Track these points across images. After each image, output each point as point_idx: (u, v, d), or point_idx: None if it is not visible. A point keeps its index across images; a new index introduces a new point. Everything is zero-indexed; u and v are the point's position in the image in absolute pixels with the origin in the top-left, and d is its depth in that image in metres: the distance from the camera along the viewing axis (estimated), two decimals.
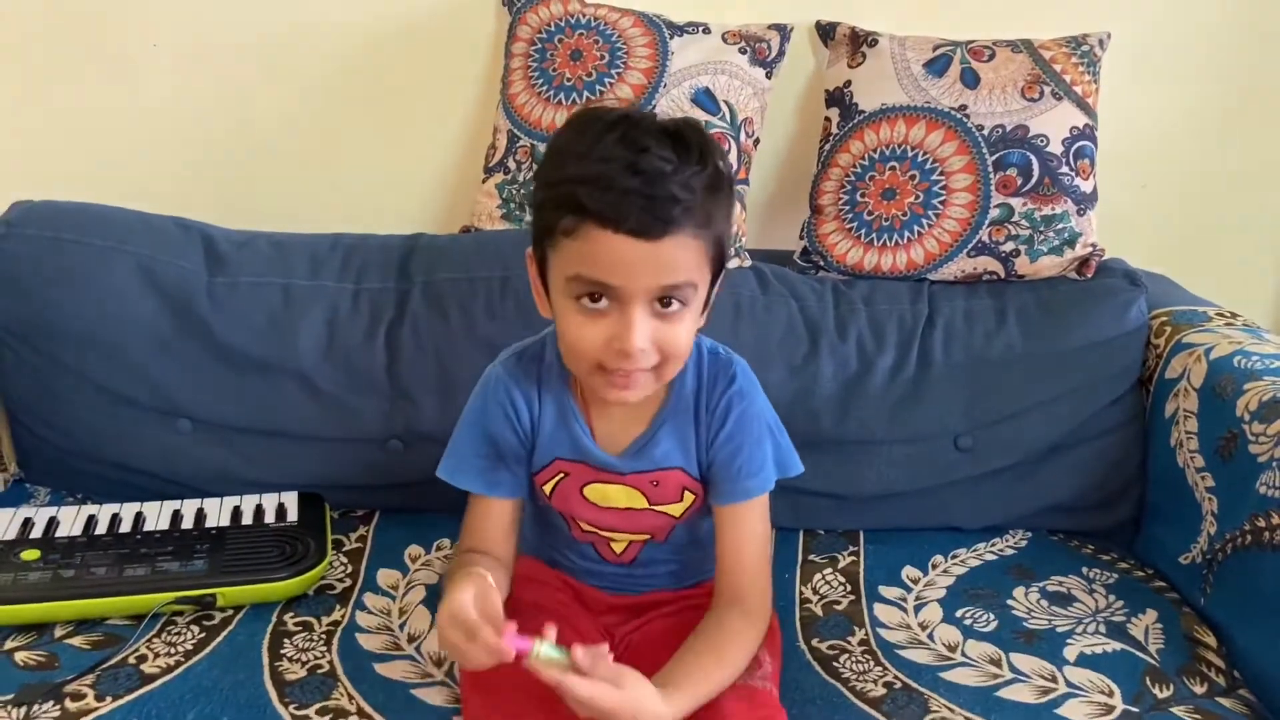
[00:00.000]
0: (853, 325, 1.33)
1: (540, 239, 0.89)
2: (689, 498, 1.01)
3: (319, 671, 1.02)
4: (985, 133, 1.35)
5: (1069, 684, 1.03)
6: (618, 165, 0.82)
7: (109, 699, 0.96)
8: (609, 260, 0.83)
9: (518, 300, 1.28)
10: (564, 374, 0.99)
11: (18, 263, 1.27)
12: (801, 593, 1.20)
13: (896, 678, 1.04)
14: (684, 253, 0.85)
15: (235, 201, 1.50)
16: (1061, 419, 1.30)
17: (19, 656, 1.02)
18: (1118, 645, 1.09)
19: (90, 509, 1.20)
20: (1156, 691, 1.03)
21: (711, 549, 1.02)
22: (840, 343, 1.31)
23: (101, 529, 1.16)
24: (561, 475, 1.01)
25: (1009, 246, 1.34)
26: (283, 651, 1.05)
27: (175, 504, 1.22)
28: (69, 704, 0.95)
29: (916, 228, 1.36)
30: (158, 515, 1.19)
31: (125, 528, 1.17)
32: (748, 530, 0.99)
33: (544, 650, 0.81)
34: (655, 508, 1.01)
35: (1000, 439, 1.30)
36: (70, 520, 1.17)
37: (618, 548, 1.05)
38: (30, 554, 1.10)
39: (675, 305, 0.87)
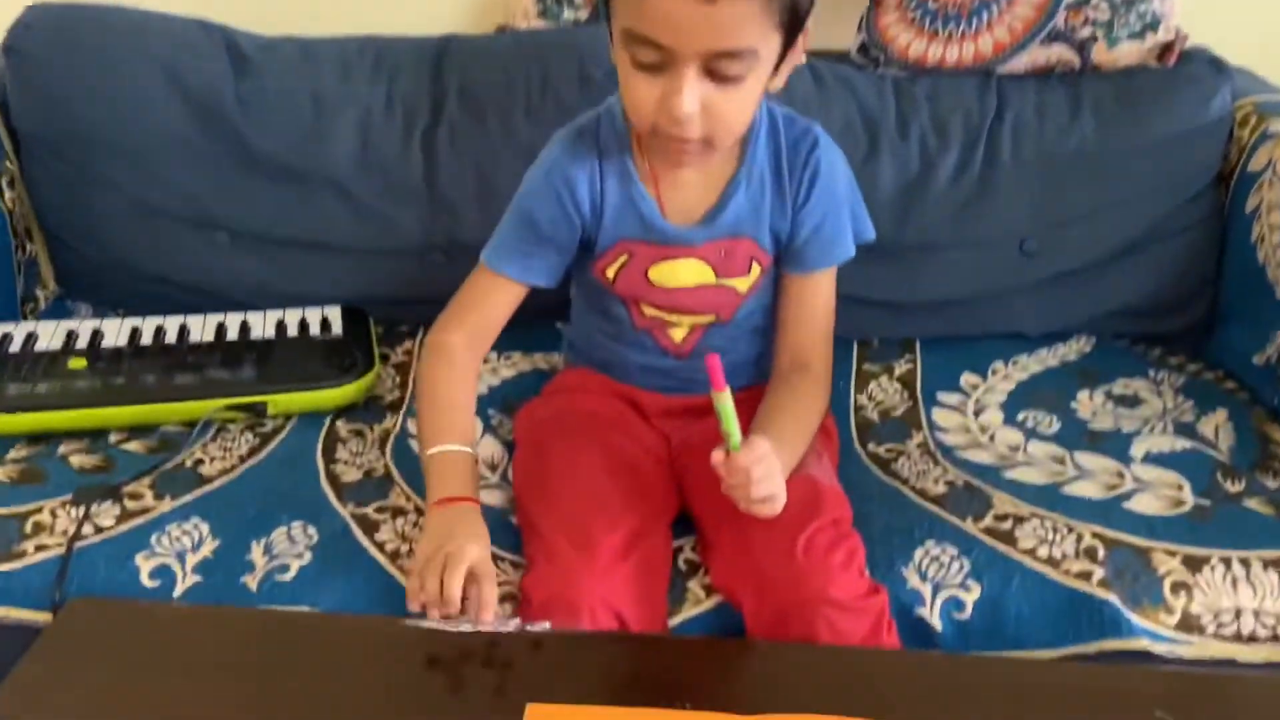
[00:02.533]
0: (914, 123, 1.25)
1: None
2: (755, 271, 0.98)
3: (374, 475, 1.02)
4: None
5: (1136, 479, 1.01)
6: None
7: (168, 498, 0.96)
8: (660, 17, 0.78)
9: (558, 103, 1.22)
10: (626, 144, 0.95)
11: (38, 67, 1.22)
12: (857, 400, 1.18)
13: (958, 477, 1.03)
14: (742, 16, 0.78)
15: (255, 3, 1.41)
16: (1135, 218, 1.24)
17: (75, 460, 1.02)
18: (1187, 443, 1.07)
19: (134, 320, 1.18)
20: (1228, 486, 1.00)
21: (766, 344, 1.02)
22: (901, 142, 1.24)
23: (146, 340, 1.15)
24: (626, 257, 0.97)
25: (1086, 32, 1.25)
26: (337, 456, 1.05)
27: (219, 316, 1.20)
28: (128, 503, 0.95)
29: (985, 14, 1.26)
30: (202, 327, 1.18)
31: (170, 339, 1.15)
32: (820, 299, 1.00)
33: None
34: (722, 281, 0.98)
35: (1069, 241, 1.24)
36: (115, 332, 1.16)
37: (677, 335, 1.02)
38: (78, 362, 1.09)
39: (733, 73, 0.81)
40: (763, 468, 0.81)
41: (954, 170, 1.24)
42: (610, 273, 0.99)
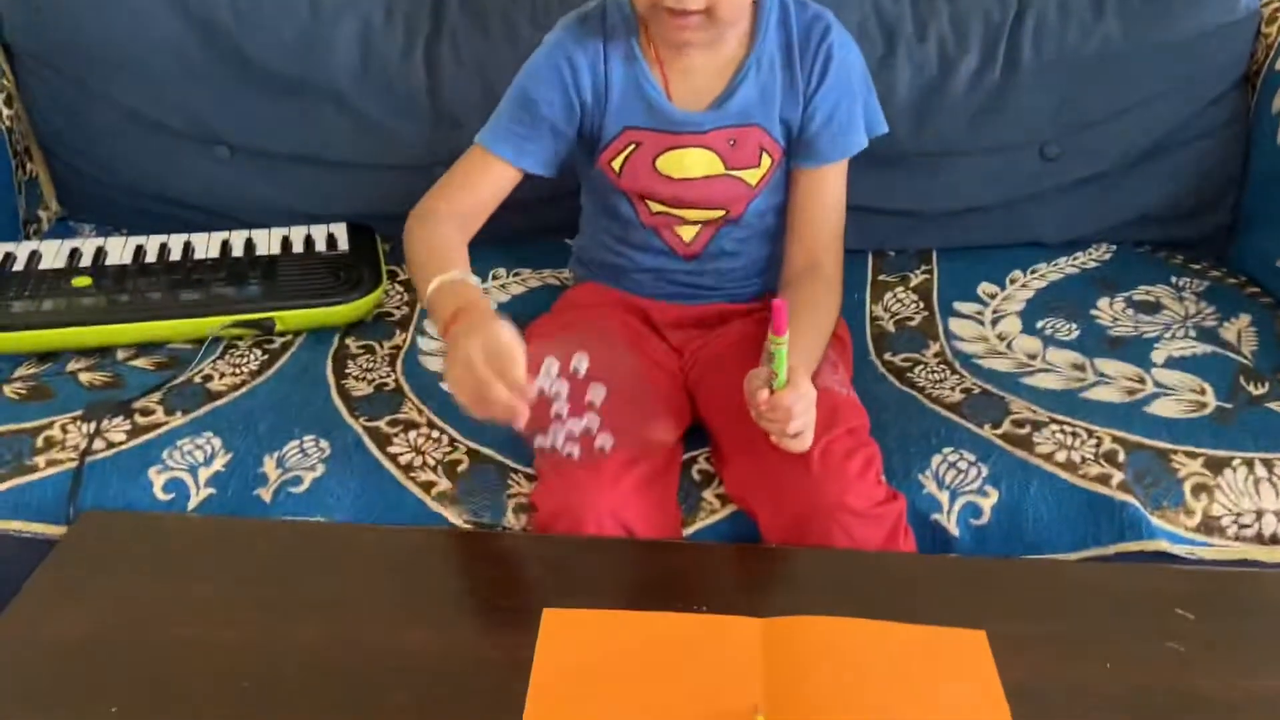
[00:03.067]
0: (933, 24, 1.21)
1: None
2: (766, 162, 0.97)
3: (385, 389, 1.01)
4: None
5: (1158, 384, 1.00)
6: None
7: (179, 413, 0.96)
8: None
9: (564, 6, 1.17)
10: (633, 28, 0.93)
11: None
12: (872, 311, 1.16)
13: (975, 384, 1.01)
14: None
15: None
16: (1158, 121, 1.21)
17: (84, 377, 1.02)
18: (1209, 348, 1.05)
19: (138, 239, 1.17)
20: (1251, 389, 0.99)
21: (776, 250, 1.01)
22: (918, 44, 1.20)
23: (151, 257, 1.13)
24: (632, 147, 0.95)
25: None
26: (347, 371, 1.04)
27: (223, 234, 1.18)
28: (139, 419, 0.95)
29: None
30: (206, 244, 1.16)
31: (175, 256, 1.14)
32: (831, 195, 0.98)
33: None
34: (732, 172, 0.96)
35: (1090, 145, 1.22)
36: (119, 250, 1.14)
37: (687, 235, 1.01)
38: (82, 280, 1.08)
39: None
40: (803, 406, 0.81)
41: (973, 73, 1.20)
42: (616, 164, 0.97)
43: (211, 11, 1.19)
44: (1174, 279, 1.18)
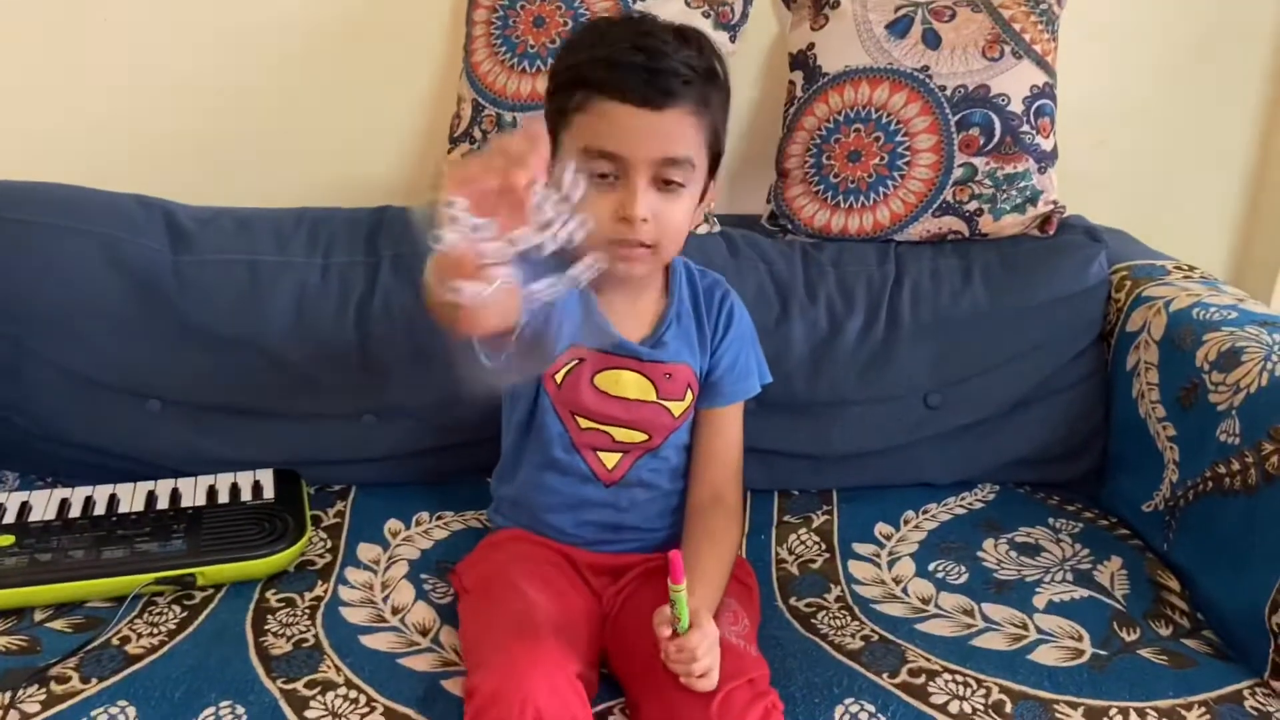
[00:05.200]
0: (822, 288, 1.34)
1: (554, 128, 0.97)
2: (689, 398, 1.09)
3: (304, 645, 1.03)
4: (948, 93, 1.36)
5: (1040, 630, 1.07)
6: (623, 46, 0.93)
7: (94, 681, 0.96)
8: (616, 129, 0.93)
9: None
10: None
11: None
12: (778, 553, 1.22)
13: (874, 631, 1.07)
14: (684, 127, 0.95)
15: (194, 178, 1.47)
16: (1026, 374, 1.33)
17: (0, 641, 1.01)
18: (1085, 592, 1.13)
19: (62, 492, 1.19)
20: (1124, 635, 1.06)
21: (679, 493, 1.11)
22: (810, 305, 1.33)
23: (75, 512, 1.15)
24: (576, 361, 1.05)
25: (973, 206, 1.36)
26: (266, 627, 1.05)
27: (149, 484, 1.21)
28: (54, 687, 0.95)
29: (882, 189, 1.37)
30: (132, 496, 1.19)
31: (100, 510, 1.16)
32: (733, 432, 1.11)
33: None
34: (662, 401, 1.07)
35: (968, 396, 1.33)
36: (43, 504, 1.16)
37: (610, 461, 1.08)
38: (5, 539, 1.09)
39: (675, 182, 0.96)
40: (705, 647, 0.88)
41: (859, 331, 1.32)
42: (559, 377, 1.05)
43: (153, 274, 1.26)
44: (1051, 520, 1.27)
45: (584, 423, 1.07)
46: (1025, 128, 1.36)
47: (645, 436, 1.08)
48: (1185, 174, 1.66)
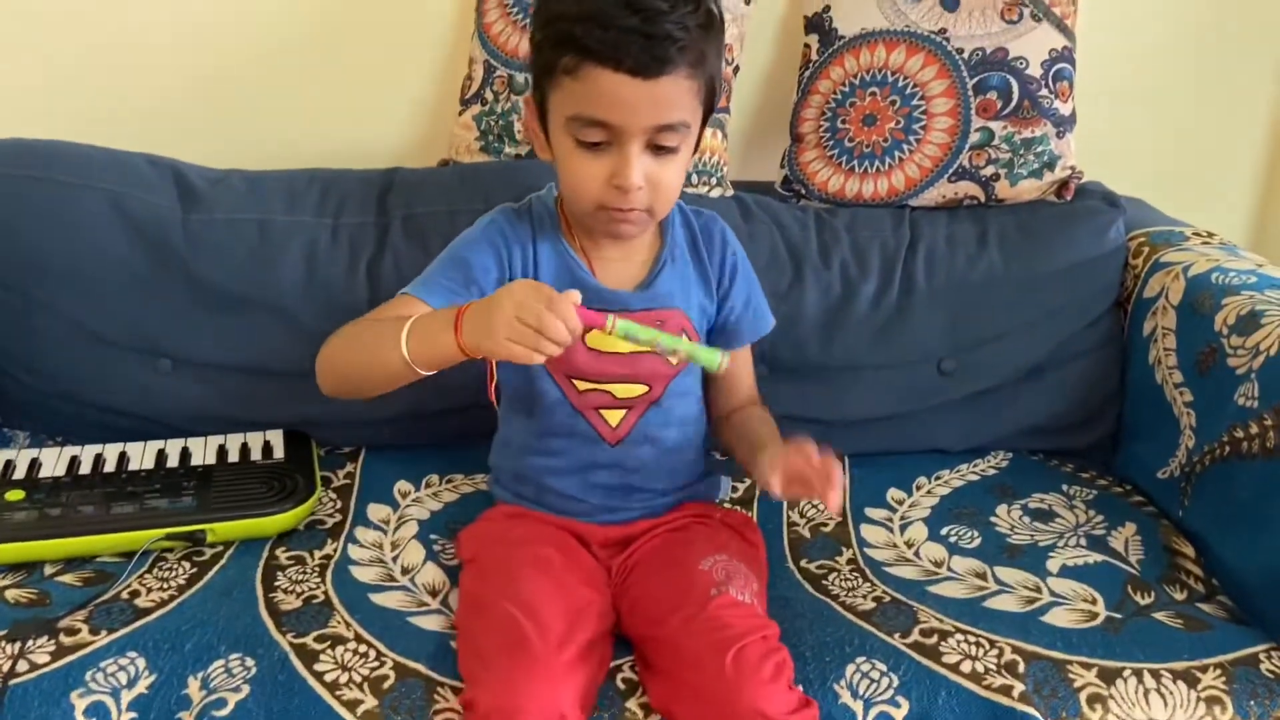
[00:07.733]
0: (836, 253, 1.33)
1: (540, 80, 0.94)
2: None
3: (314, 602, 1.02)
4: (965, 56, 1.34)
5: (1053, 594, 1.06)
6: (615, 2, 0.87)
7: (104, 633, 0.96)
8: (609, 99, 0.89)
9: None
10: (556, 225, 1.04)
11: None
12: (789, 516, 1.22)
13: (885, 592, 1.06)
14: (679, 92, 0.91)
15: (205, 138, 1.46)
16: (1041, 341, 1.32)
17: (10, 595, 1.01)
18: (1099, 557, 1.12)
19: (72, 449, 1.19)
20: (1138, 598, 1.05)
21: (691, 447, 1.11)
22: (824, 270, 1.32)
23: (85, 469, 1.15)
24: None
25: (989, 171, 1.35)
26: (276, 584, 1.05)
27: (159, 443, 1.21)
28: (64, 638, 0.95)
29: (897, 154, 1.36)
30: (142, 454, 1.18)
31: (109, 467, 1.16)
32: (749, 369, 1.15)
33: (620, 323, 0.86)
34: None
35: (982, 362, 1.32)
36: (53, 461, 1.16)
37: (614, 419, 1.06)
38: (15, 494, 1.09)
39: (669, 145, 0.93)
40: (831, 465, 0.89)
41: (873, 296, 1.31)
42: None
43: (163, 232, 1.25)
44: (1065, 486, 1.26)
45: (581, 385, 1.04)
46: (1044, 92, 1.34)
47: (645, 388, 1.06)
48: (1204, 141, 1.64)
